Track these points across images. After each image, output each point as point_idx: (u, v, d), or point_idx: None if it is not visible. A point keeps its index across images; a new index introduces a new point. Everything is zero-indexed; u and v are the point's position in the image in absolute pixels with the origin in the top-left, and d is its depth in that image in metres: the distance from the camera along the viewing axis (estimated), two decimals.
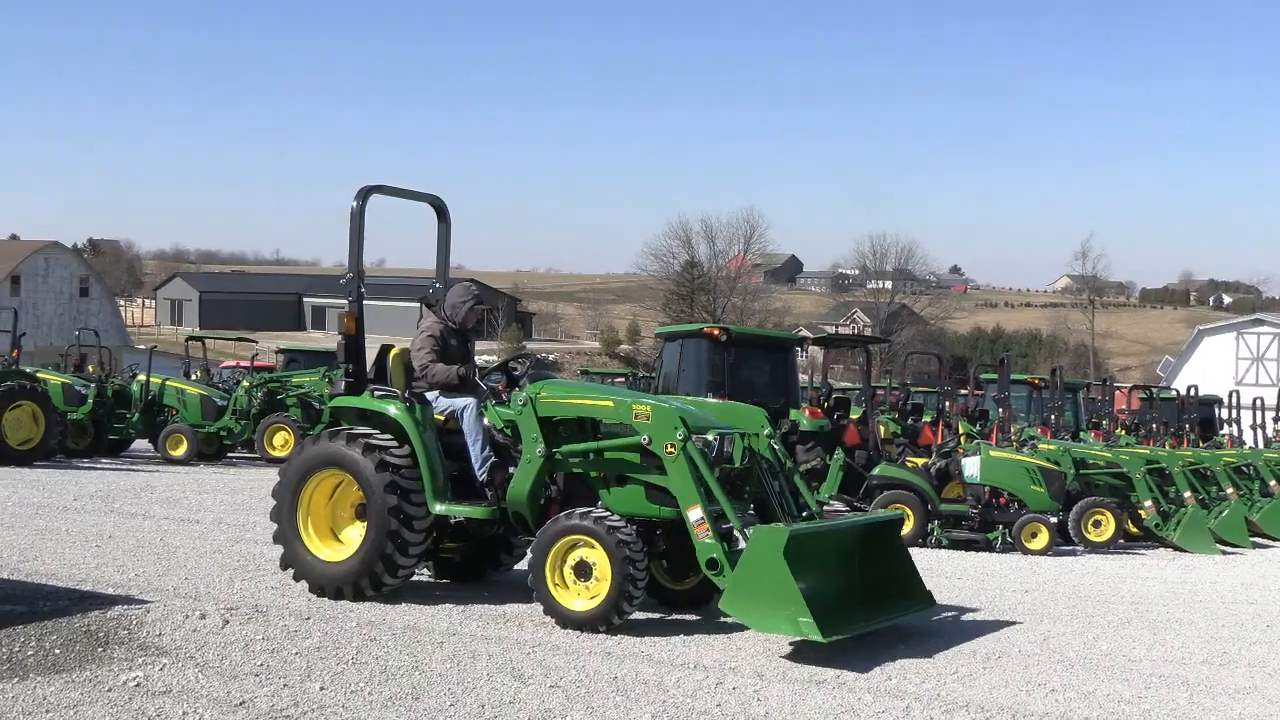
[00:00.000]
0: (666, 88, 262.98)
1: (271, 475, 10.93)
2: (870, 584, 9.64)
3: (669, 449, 9.08)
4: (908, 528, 16.84)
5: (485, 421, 10.00)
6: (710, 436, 9.33)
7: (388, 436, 9.80)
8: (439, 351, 10.22)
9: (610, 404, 9.62)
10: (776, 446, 9.65)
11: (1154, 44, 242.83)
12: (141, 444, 26.10)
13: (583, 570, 9.08)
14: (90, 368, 28.12)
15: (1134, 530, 18.46)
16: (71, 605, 8.76)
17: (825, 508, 14.91)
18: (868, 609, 9.37)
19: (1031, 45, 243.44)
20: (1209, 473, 19.34)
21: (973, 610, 11.07)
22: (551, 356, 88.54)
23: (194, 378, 27.53)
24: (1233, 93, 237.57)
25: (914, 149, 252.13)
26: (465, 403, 9.99)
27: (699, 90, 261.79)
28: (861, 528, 10.08)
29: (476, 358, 10.98)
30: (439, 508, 9.72)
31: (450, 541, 10.68)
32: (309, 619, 8.88)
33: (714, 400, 14.32)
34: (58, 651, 7.60)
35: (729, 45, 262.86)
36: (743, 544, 8.79)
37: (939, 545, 16.73)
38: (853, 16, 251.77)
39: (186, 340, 31.62)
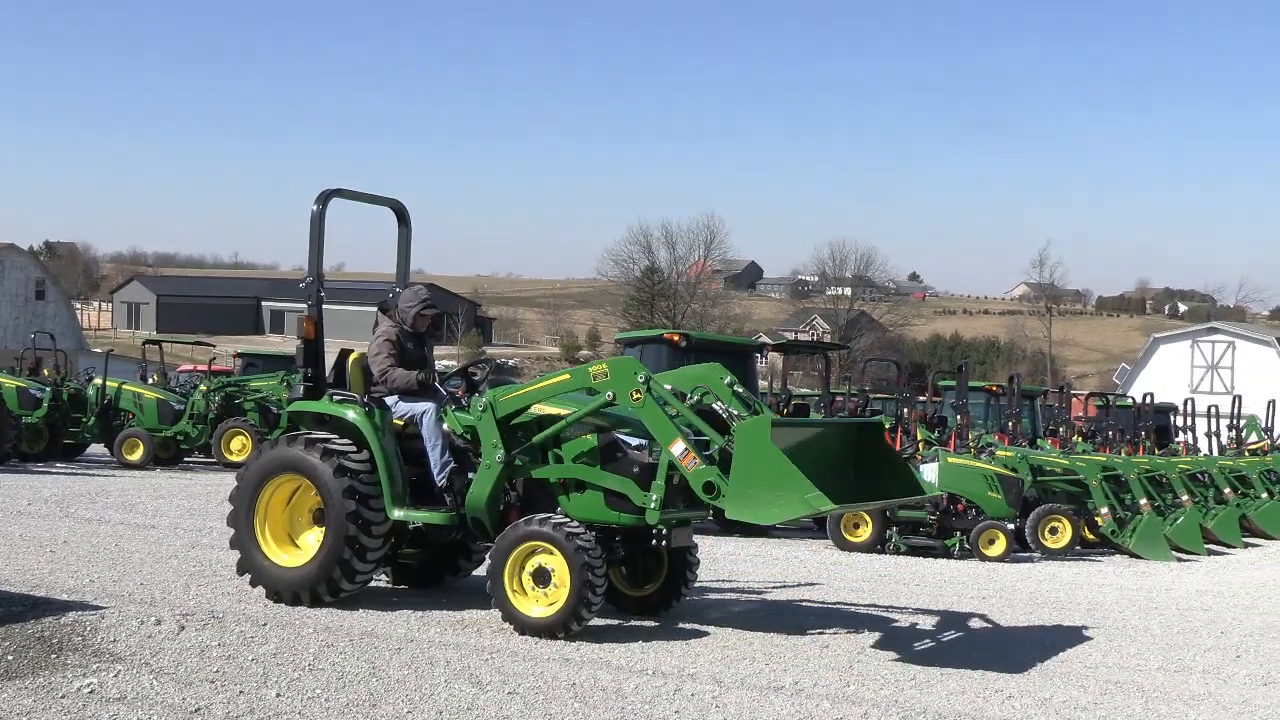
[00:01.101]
0: (627, 93, 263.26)
1: (228, 480, 10.86)
2: (862, 477, 9.55)
3: (635, 395, 9.09)
4: (865, 534, 16.95)
5: (445, 427, 9.96)
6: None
7: (346, 441, 9.76)
8: (396, 356, 10.15)
9: (567, 376, 9.66)
10: (741, 391, 9.52)
11: (1112, 52, 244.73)
12: (97, 448, 25.91)
13: (541, 577, 9.05)
14: (46, 371, 27.76)
15: (1090, 537, 18.59)
16: (25, 611, 8.66)
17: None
18: (866, 492, 9.44)
19: (990, 54, 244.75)
20: (1164, 480, 19.49)
21: (930, 616, 11.12)
22: (511, 362, 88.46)
23: (151, 381, 27.31)
24: (1189, 102, 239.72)
25: (873, 156, 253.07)
26: (424, 408, 9.95)
27: (660, 95, 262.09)
28: (847, 427, 10.32)
29: (436, 363, 10.93)
30: (398, 513, 9.69)
31: (409, 547, 10.64)
32: (265, 625, 8.81)
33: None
34: (10, 658, 7.51)
35: (690, 50, 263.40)
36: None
37: (897, 551, 16.80)
38: (812, 23, 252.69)
39: (143, 344, 31.36)
